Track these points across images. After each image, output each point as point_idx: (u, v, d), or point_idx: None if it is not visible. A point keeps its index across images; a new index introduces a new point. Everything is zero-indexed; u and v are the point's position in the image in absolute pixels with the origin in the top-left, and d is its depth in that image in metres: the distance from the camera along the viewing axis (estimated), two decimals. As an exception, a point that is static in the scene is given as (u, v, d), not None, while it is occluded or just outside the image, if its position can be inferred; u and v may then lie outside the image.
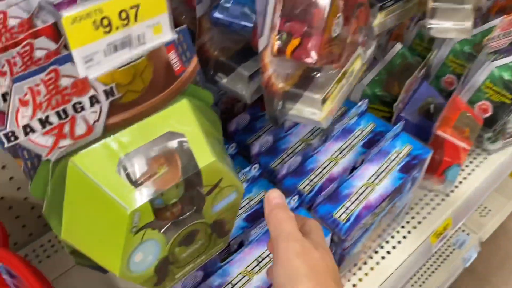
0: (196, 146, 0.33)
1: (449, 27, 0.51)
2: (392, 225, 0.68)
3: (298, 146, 0.59)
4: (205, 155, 0.33)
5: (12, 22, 0.33)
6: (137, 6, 0.23)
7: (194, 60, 0.33)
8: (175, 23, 0.26)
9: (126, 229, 0.30)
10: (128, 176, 0.31)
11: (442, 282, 1.13)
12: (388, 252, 0.68)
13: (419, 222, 0.71)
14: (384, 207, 0.56)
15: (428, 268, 1.14)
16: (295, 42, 0.39)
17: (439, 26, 0.52)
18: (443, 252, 1.17)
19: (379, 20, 0.54)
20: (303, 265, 0.33)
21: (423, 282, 1.10)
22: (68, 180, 0.30)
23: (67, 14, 0.21)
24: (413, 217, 0.72)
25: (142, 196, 0.30)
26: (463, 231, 1.22)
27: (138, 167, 0.31)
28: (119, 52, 0.24)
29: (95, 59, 0.23)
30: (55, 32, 0.31)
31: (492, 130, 0.75)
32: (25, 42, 0.29)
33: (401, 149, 0.59)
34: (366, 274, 0.66)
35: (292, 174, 0.56)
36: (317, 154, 0.58)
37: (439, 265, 1.14)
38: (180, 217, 0.34)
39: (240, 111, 0.64)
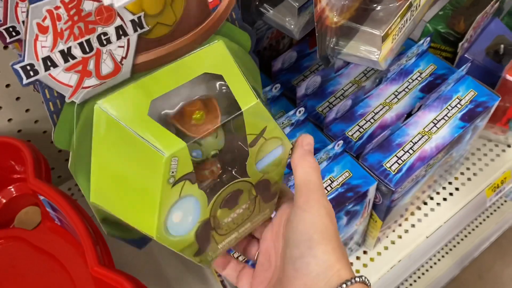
0: (237, 88, 0.29)
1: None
2: (445, 176, 0.64)
3: (348, 89, 0.55)
4: (248, 97, 0.29)
5: None
6: None
7: (231, -7, 0.29)
8: None
9: (162, 178, 0.27)
10: (163, 120, 0.28)
11: (489, 233, 1.08)
12: (438, 204, 0.64)
13: (475, 174, 0.66)
14: (439, 158, 0.51)
15: (475, 219, 1.09)
16: (355, -33, 0.33)
17: None
18: (494, 203, 1.11)
19: None
20: (331, 225, 0.31)
21: (469, 232, 1.06)
22: (95, 128, 0.27)
23: None
24: (468, 168, 0.67)
25: (178, 140, 0.27)
26: (518, 182, 1.15)
27: (173, 112, 0.28)
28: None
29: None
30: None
31: None
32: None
33: (464, 94, 0.53)
34: (413, 225, 0.62)
35: (340, 119, 0.52)
36: (369, 98, 0.54)
37: (487, 216, 1.09)
38: (222, 174, 0.30)
39: (286, 48, 0.59)
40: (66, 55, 0.24)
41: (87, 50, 0.25)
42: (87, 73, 0.26)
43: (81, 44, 0.25)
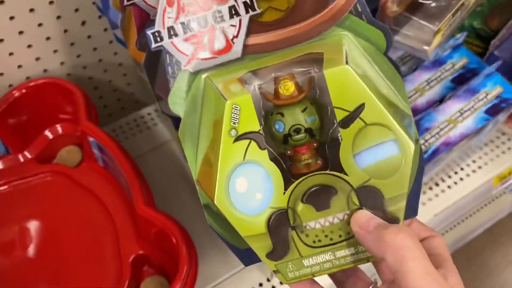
0: (331, 58, 0.26)
1: None
2: (457, 161, 0.69)
3: (385, 71, 0.59)
4: (338, 60, 0.26)
5: None
6: None
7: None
8: None
9: (224, 127, 0.26)
10: (248, 83, 0.30)
11: (484, 221, 1.15)
12: (449, 187, 0.69)
13: (486, 163, 0.72)
14: (461, 145, 0.56)
15: (474, 206, 1.16)
16: (424, -34, 0.37)
17: None
18: (494, 194, 1.18)
19: None
20: None
21: (466, 218, 1.12)
22: (206, 97, 0.28)
23: None
24: (480, 157, 0.72)
25: (243, 91, 0.27)
26: (518, 176, 1.21)
27: (263, 82, 0.28)
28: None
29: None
30: None
31: None
32: None
33: (491, 89, 0.58)
34: (423, 203, 0.68)
35: (376, 98, 0.56)
36: (405, 82, 0.58)
37: (485, 205, 1.15)
38: (305, 155, 0.26)
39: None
40: (185, 27, 0.29)
41: (203, 25, 0.29)
42: (201, 46, 0.29)
43: (198, 19, 0.29)
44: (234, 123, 0.26)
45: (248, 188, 0.26)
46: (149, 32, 0.28)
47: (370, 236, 0.25)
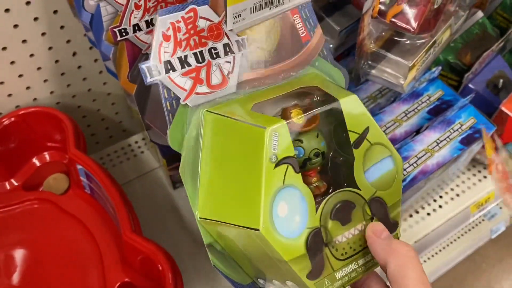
0: (333, 91, 0.31)
1: None
2: (436, 190, 0.71)
3: (365, 103, 0.61)
4: (344, 93, 0.30)
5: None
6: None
7: (319, 30, 0.34)
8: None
9: (265, 153, 0.26)
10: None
11: (465, 248, 1.17)
12: (429, 214, 0.71)
13: (463, 191, 0.74)
14: (439, 174, 0.58)
15: (453, 233, 1.18)
16: (398, 8, 0.40)
17: None
18: (473, 221, 1.20)
19: (474, -11, 0.54)
20: None
21: (447, 245, 1.14)
22: (205, 132, 0.29)
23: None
24: (457, 185, 0.75)
25: (280, 120, 0.28)
26: (497, 204, 1.24)
27: (274, 114, 0.30)
28: (262, 10, 0.26)
29: (242, 15, 0.25)
30: (187, -27, 0.33)
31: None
32: (161, -19, 0.32)
33: (465, 121, 0.61)
34: (404, 230, 0.70)
35: (357, 129, 0.59)
36: (383, 114, 0.61)
37: (466, 232, 1.18)
38: (329, 175, 0.29)
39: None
40: (183, 61, 0.30)
41: (200, 60, 0.31)
42: (199, 81, 0.31)
43: (195, 54, 0.30)
44: (274, 149, 0.27)
45: (289, 211, 0.28)
46: (143, 66, 0.29)
47: (381, 242, 0.29)
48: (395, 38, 0.47)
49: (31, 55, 0.61)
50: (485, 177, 0.76)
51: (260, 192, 0.26)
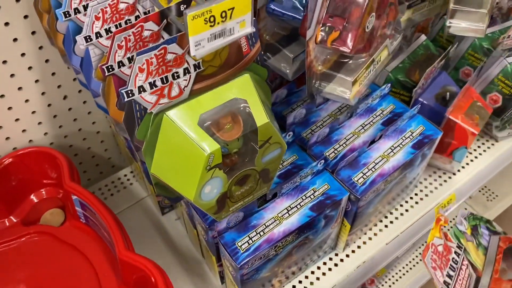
0: (255, 110, 0.43)
1: (465, 27, 0.60)
2: (402, 195, 0.78)
3: (326, 120, 0.70)
4: (262, 117, 0.43)
5: (121, 5, 0.44)
6: (232, 8, 0.33)
7: (258, 44, 0.43)
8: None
9: (202, 166, 0.41)
10: (206, 128, 0.42)
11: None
12: (396, 218, 0.78)
13: (426, 195, 0.81)
14: (396, 176, 0.66)
15: (422, 235, 1.24)
16: (335, 34, 0.48)
17: (457, 25, 0.60)
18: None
19: (407, 16, 0.63)
20: None
21: (407, 271, 1.21)
22: (162, 128, 0.41)
23: (190, 13, 0.31)
24: (421, 190, 0.82)
25: (215, 143, 0.41)
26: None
27: (212, 122, 0.42)
28: (217, 40, 0.34)
29: (202, 44, 0.33)
30: (159, 18, 0.41)
31: (500, 119, 0.84)
32: (138, 24, 0.40)
33: (415, 128, 0.69)
34: (375, 234, 0.76)
35: (320, 142, 0.67)
36: (342, 128, 0.69)
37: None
38: (238, 163, 0.44)
39: (278, 87, 0.74)
40: (152, 85, 0.38)
41: (165, 82, 0.39)
42: (162, 96, 0.39)
43: (161, 79, 0.38)
44: (209, 164, 0.42)
45: (211, 190, 0.45)
46: (122, 91, 0.37)
47: None
48: (340, 60, 0.55)
49: (26, 101, 0.69)
50: (445, 181, 0.84)
51: (195, 184, 0.42)
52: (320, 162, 0.61)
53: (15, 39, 0.62)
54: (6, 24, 0.60)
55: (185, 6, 0.42)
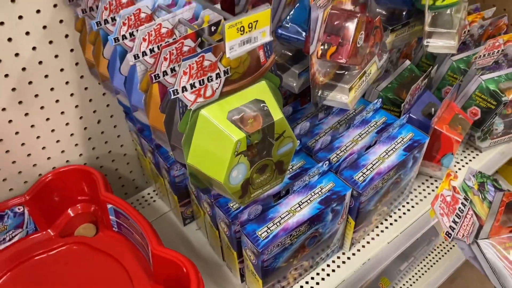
0: (271, 108, 0.54)
1: (440, 45, 0.72)
2: (398, 200, 0.87)
3: (328, 131, 0.80)
4: (277, 114, 0.53)
5: (163, 30, 0.56)
6: (256, 21, 0.44)
7: (273, 56, 0.54)
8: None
9: (231, 152, 0.50)
10: (233, 122, 0.52)
11: (446, 269, 1.30)
12: (396, 220, 0.87)
13: (421, 200, 0.91)
14: (391, 175, 0.75)
15: (433, 257, 1.31)
16: (332, 49, 0.60)
17: (433, 44, 0.72)
18: (447, 245, 1.35)
19: (390, 39, 0.75)
20: None
21: (428, 269, 1.27)
22: (198, 122, 0.51)
23: (227, 23, 0.42)
24: (416, 196, 0.91)
25: (241, 132, 0.50)
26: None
27: (238, 118, 0.52)
28: (245, 46, 0.45)
29: (234, 48, 0.44)
30: (195, 36, 0.52)
31: (481, 130, 0.95)
32: (180, 42, 0.51)
33: (405, 135, 0.79)
34: (377, 234, 0.85)
35: (324, 149, 0.77)
36: (342, 137, 0.79)
37: (442, 256, 1.31)
38: (258, 154, 0.53)
39: (284, 105, 0.85)
40: (192, 85, 0.49)
41: (202, 84, 0.49)
42: (199, 95, 0.50)
43: (199, 81, 0.49)
44: (237, 149, 0.51)
45: (237, 174, 0.52)
46: (170, 90, 0.48)
47: None
48: (338, 72, 0.66)
49: (67, 124, 0.79)
50: (437, 187, 0.93)
51: (225, 167, 0.51)
52: (325, 163, 0.71)
53: (62, 69, 0.73)
54: (56, 56, 0.71)
55: (215, 27, 0.53)
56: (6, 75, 0.68)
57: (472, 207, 0.59)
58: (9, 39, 0.65)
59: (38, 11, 0.66)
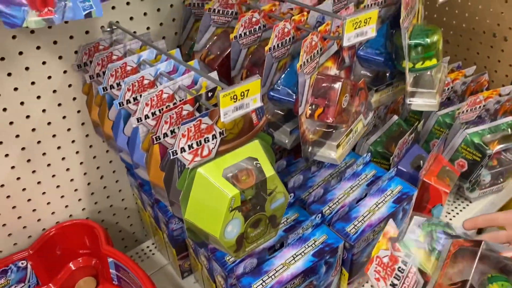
0: (264, 165, 0.58)
1: (422, 103, 0.77)
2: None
3: (321, 184, 0.84)
4: (269, 171, 0.57)
5: (164, 95, 0.61)
6: (248, 90, 0.49)
7: (265, 117, 0.59)
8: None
9: (226, 207, 0.54)
10: (228, 179, 0.56)
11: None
12: (389, 270, 0.89)
13: (414, 250, 0.93)
14: (382, 227, 0.78)
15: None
16: (320, 110, 0.65)
17: (415, 102, 0.78)
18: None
19: (375, 98, 0.81)
20: None
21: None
22: (195, 180, 0.55)
23: (221, 93, 0.47)
24: (409, 246, 0.93)
25: (235, 189, 0.54)
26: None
27: (232, 175, 0.56)
28: (238, 111, 0.50)
29: (228, 113, 0.49)
30: (193, 102, 0.57)
31: (469, 181, 0.98)
32: (179, 107, 0.56)
33: (394, 188, 0.83)
34: (372, 286, 0.86)
35: (317, 202, 0.80)
36: (334, 190, 0.83)
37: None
38: (252, 209, 0.57)
39: (279, 159, 0.89)
40: (190, 147, 0.53)
41: (199, 144, 0.54)
42: (196, 155, 0.54)
43: (196, 142, 0.54)
44: (231, 204, 0.54)
45: (232, 229, 0.56)
46: (170, 151, 0.52)
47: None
48: (326, 130, 0.71)
49: (71, 180, 0.83)
50: (429, 237, 0.95)
51: (220, 222, 0.54)
52: (318, 216, 0.74)
53: (69, 129, 0.78)
54: (64, 117, 0.76)
55: (211, 93, 0.58)
56: (17, 136, 0.72)
57: (415, 263, 0.54)
58: (22, 103, 0.71)
59: (49, 77, 0.72)
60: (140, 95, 0.62)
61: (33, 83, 0.71)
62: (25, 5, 0.42)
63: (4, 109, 0.69)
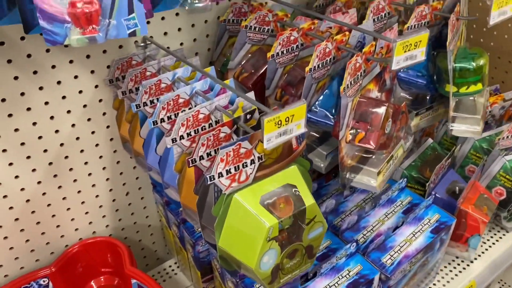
0: (303, 193, 0.55)
1: (464, 129, 0.74)
2: (425, 281, 0.85)
3: (353, 209, 0.80)
4: (309, 199, 0.54)
5: (200, 116, 0.58)
6: (293, 115, 0.47)
7: (304, 142, 0.56)
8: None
9: (264, 237, 0.51)
10: (265, 206, 0.53)
11: None
12: (423, 303, 0.84)
13: (448, 282, 0.88)
14: (419, 258, 0.74)
15: None
16: (361, 135, 0.62)
17: (457, 128, 0.74)
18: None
19: (415, 122, 0.77)
20: None
21: None
22: (231, 206, 0.52)
23: (266, 118, 0.45)
24: (442, 277, 0.89)
25: (274, 218, 0.51)
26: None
27: (270, 202, 0.53)
28: (281, 137, 0.47)
29: (271, 140, 0.46)
30: (231, 124, 0.55)
31: (507, 210, 0.94)
32: (217, 129, 0.53)
33: (431, 216, 0.79)
34: (404, 318, 0.82)
35: (350, 229, 0.76)
36: (369, 216, 0.79)
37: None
38: (289, 239, 0.54)
39: (309, 182, 0.86)
40: (227, 172, 0.50)
41: (237, 169, 0.51)
42: (233, 180, 0.51)
43: (235, 167, 0.51)
44: (269, 234, 0.52)
45: (268, 259, 0.53)
46: (207, 176, 0.49)
47: None
48: (365, 155, 0.68)
49: (97, 196, 0.81)
50: (464, 268, 0.91)
51: (256, 253, 0.52)
52: (352, 244, 0.70)
53: (97, 144, 0.76)
54: (93, 132, 0.74)
55: (250, 115, 0.56)
56: (45, 150, 0.71)
57: None
58: (52, 117, 0.69)
59: (80, 91, 0.70)
60: (175, 114, 0.60)
61: (64, 97, 0.69)
62: (69, 22, 0.40)
63: (34, 123, 0.68)
